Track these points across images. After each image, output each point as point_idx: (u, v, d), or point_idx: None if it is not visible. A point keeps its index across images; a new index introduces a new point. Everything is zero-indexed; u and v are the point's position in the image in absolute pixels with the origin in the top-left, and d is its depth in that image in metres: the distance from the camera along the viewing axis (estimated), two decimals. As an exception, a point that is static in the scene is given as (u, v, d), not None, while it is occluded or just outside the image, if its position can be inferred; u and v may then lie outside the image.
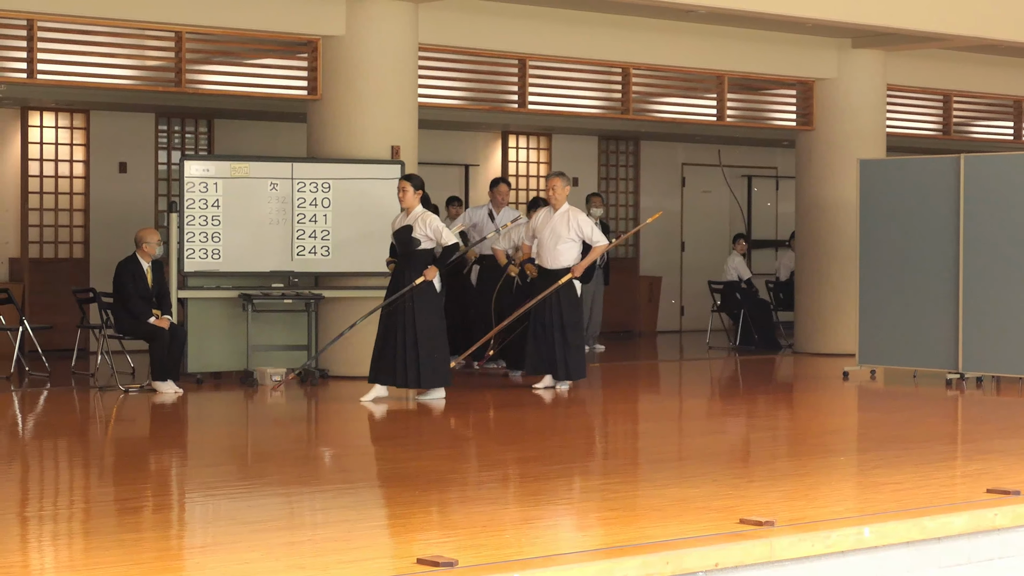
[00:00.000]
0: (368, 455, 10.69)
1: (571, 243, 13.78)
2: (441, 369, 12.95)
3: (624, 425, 12.74)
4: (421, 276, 12.74)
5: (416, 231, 12.83)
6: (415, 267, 12.81)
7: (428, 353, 12.78)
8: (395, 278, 12.99)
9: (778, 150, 22.99)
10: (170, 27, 14.24)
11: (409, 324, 12.77)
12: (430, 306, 12.84)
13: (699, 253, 22.70)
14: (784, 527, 7.27)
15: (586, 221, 13.84)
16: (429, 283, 12.79)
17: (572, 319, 13.79)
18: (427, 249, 12.84)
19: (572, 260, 13.78)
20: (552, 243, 13.80)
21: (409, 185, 12.92)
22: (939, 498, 8.31)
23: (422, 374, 12.80)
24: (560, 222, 13.80)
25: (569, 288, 13.77)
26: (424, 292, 12.80)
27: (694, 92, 17.98)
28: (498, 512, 8.08)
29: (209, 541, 7.29)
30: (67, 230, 17.84)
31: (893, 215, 15.26)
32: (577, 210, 13.94)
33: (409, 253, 12.87)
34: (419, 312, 12.78)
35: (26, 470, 9.79)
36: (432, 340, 12.83)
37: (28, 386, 14.17)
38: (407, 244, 12.88)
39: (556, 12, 16.08)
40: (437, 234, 12.80)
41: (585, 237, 13.80)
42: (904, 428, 12.04)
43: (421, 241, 12.82)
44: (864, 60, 18.36)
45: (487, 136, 20.92)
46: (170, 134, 18.52)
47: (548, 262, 13.84)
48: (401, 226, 12.95)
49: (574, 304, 13.84)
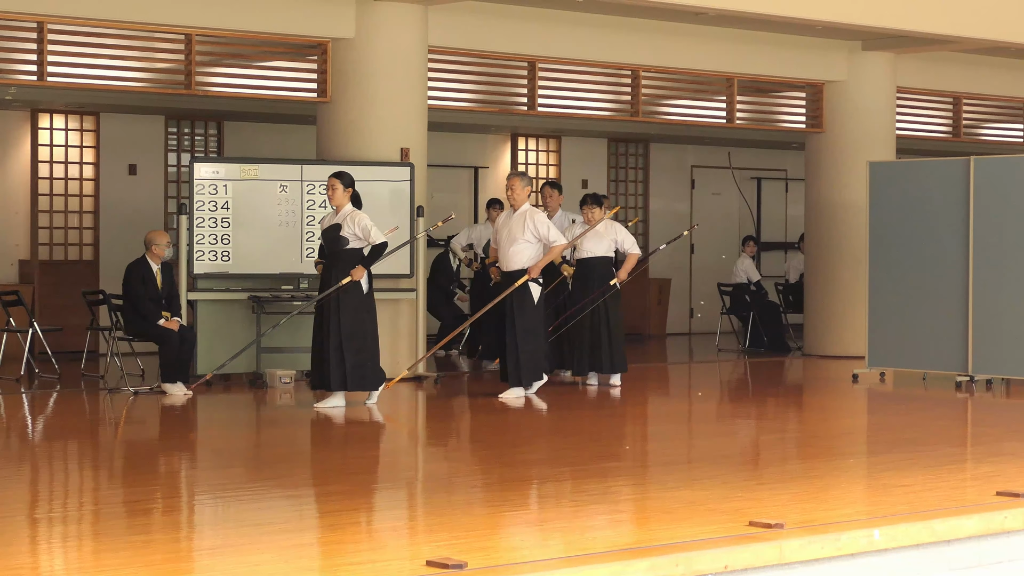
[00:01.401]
0: (377, 457, 10.69)
1: (526, 244, 13.34)
2: (369, 372, 12.53)
3: (634, 427, 12.73)
4: (348, 276, 12.37)
5: (344, 230, 12.44)
6: (343, 267, 12.43)
7: (354, 355, 12.39)
8: (323, 279, 12.63)
9: (788, 152, 22.97)
10: (180, 29, 14.26)
11: (335, 326, 12.38)
12: (357, 307, 12.44)
13: (708, 255, 22.68)
14: (794, 529, 7.26)
15: (543, 222, 13.41)
16: (356, 283, 12.41)
17: (525, 323, 13.35)
18: (355, 249, 12.46)
19: (527, 262, 13.36)
20: (507, 244, 13.44)
21: (338, 183, 12.55)
22: (949, 501, 8.29)
23: (349, 377, 12.40)
24: (517, 223, 13.40)
25: (522, 291, 13.35)
26: (351, 293, 12.40)
27: (704, 94, 17.97)
28: (507, 514, 8.07)
29: (218, 543, 7.29)
30: (77, 232, 17.86)
31: (903, 217, 15.24)
32: (536, 211, 13.52)
33: (337, 252, 12.48)
34: (344, 313, 12.38)
35: (36, 472, 9.80)
36: (358, 342, 12.42)
37: (38, 388, 14.18)
38: (335, 243, 12.48)
39: (566, 14, 16.08)
40: (366, 233, 12.41)
41: (542, 237, 13.37)
42: (914, 431, 12.02)
43: (349, 240, 12.44)
44: (874, 62, 18.34)
45: (496, 138, 20.92)
46: (180, 136, 18.54)
47: (504, 264, 13.51)
48: (329, 225, 12.58)
49: (526, 308, 13.37)
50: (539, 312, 13.53)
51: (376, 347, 12.66)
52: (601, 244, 14.54)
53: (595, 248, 14.54)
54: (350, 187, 12.59)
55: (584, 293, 14.48)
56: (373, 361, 12.58)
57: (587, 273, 14.55)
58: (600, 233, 14.48)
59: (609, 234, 14.54)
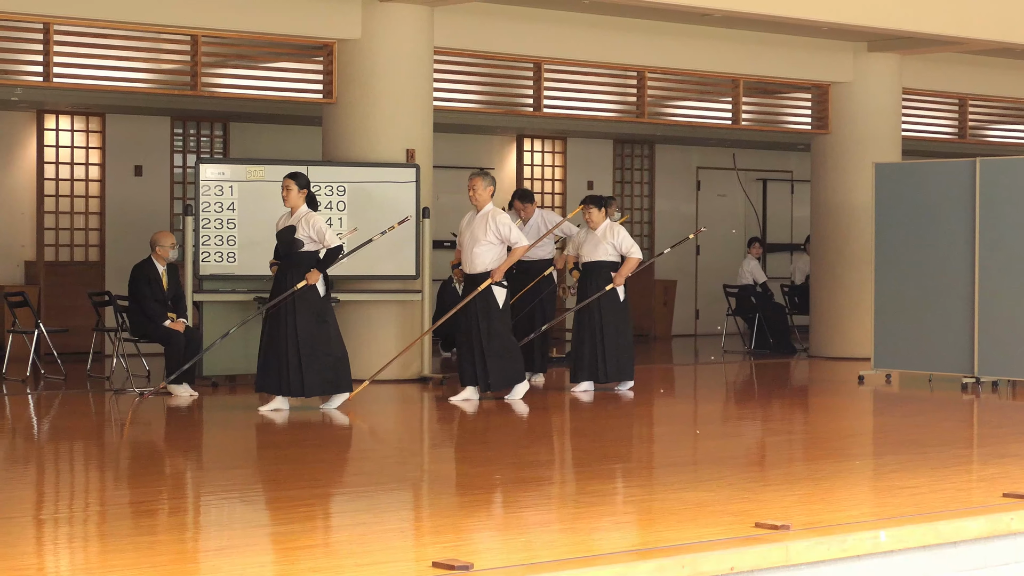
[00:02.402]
0: (383, 458, 10.69)
1: (489, 246, 13.02)
2: (328, 375, 12.32)
3: (639, 428, 12.72)
4: (303, 280, 12.20)
5: (299, 232, 12.28)
6: (298, 270, 12.25)
7: (310, 360, 12.19)
8: (277, 281, 12.43)
9: (793, 154, 22.98)
10: (186, 30, 14.27)
11: (291, 330, 12.19)
12: (313, 311, 12.25)
13: (714, 257, 22.68)
14: (800, 531, 7.26)
15: (505, 223, 13.04)
16: (312, 287, 12.22)
17: (489, 327, 13.05)
18: (311, 251, 12.28)
19: (490, 264, 13.05)
20: (470, 246, 13.10)
21: (293, 183, 12.36)
22: (955, 502, 8.28)
23: (306, 382, 12.22)
24: (479, 224, 13.06)
25: (486, 295, 13.05)
26: (307, 297, 12.24)
27: (709, 96, 17.97)
28: (513, 516, 8.08)
29: (224, 544, 7.29)
30: (83, 233, 17.87)
31: (909, 219, 15.24)
32: (499, 211, 13.14)
33: (292, 255, 12.31)
34: (300, 317, 12.20)
35: (41, 473, 9.80)
36: (315, 346, 12.23)
37: (44, 389, 14.19)
38: (290, 245, 12.31)
39: (571, 16, 16.08)
40: (320, 235, 12.22)
41: (504, 239, 13.02)
42: (920, 432, 12.02)
43: (304, 243, 12.26)
44: (880, 64, 18.34)
45: (502, 139, 20.92)
46: (185, 137, 18.55)
47: (467, 266, 13.18)
48: (284, 227, 12.42)
49: (490, 311, 13.06)
50: (505, 315, 13.19)
51: (344, 351, 12.50)
52: (599, 249, 14.25)
53: (592, 252, 14.26)
54: (305, 188, 12.41)
55: (583, 299, 14.24)
56: (343, 365, 12.43)
57: (585, 278, 14.32)
58: (598, 237, 14.24)
59: (608, 238, 14.23)
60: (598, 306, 14.11)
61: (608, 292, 14.09)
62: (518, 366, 13.27)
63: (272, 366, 12.29)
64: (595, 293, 14.10)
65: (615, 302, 14.20)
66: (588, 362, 14.18)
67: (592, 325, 14.14)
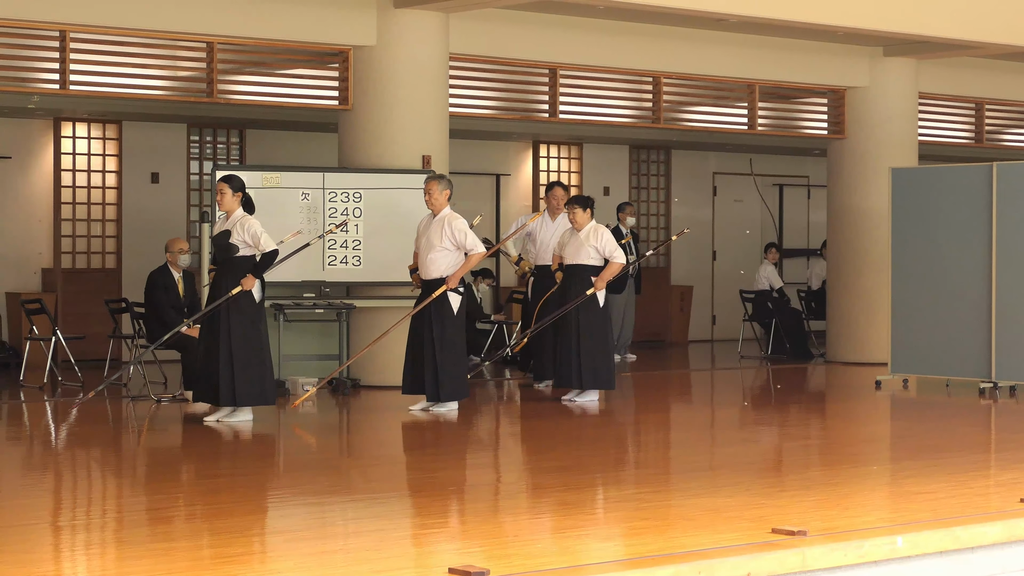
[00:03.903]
0: (399, 465, 10.69)
1: (444, 252, 12.71)
2: (260, 385, 11.98)
3: (656, 434, 12.71)
4: (238, 286, 11.85)
5: (234, 236, 11.92)
6: (233, 275, 11.89)
7: (243, 368, 11.85)
8: (213, 287, 12.12)
9: (809, 159, 22.95)
10: (202, 37, 14.29)
11: (224, 338, 11.83)
12: (247, 318, 11.89)
13: (730, 262, 22.66)
14: (817, 536, 7.25)
15: (461, 228, 12.68)
16: (247, 293, 11.86)
17: (443, 335, 12.71)
18: (246, 256, 11.91)
19: (445, 270, 12.73)
20: (425, 251, 12.80)
21: (227, 187, 12.01)
22: (972, 508, 8.27)
23: (237, 391, 11.85)
24: (435, 229, 12.74)
25: (441, 302, 12.73)
26: (242, 303, 11.88)
27: (725, 101, 17.96)
28: (529, 522, 8.07)
29: (241, 551, 7.30)
30: (99, 240, 17.91)
31: (925, 224, 15.21)
32: (455, 216, 12.78)
33: (227, 260, 11.97)
34: (234, 325, 11.85)
35: (59, 480, 9.82)
36: (249, 354, 11.88)
37: (61, 396, 14.22)
38: (225, 250, 11.96)
39: (587, 21, 16.08)
40: (255, 240, 11.86)
41: (459, 245, 12.71)
42: (937, 437, 11.99)
43: (239, 247, 11.90)
44: (896, 68, 18.31)
45: (518, 145, 20.92)
46: (202, 144, 18.58)
47: (423, 272, 12.85)
48: (219, 231, 12.09)
49: (445, 319, 12.72)
50: (459, 323, 12.85)
51: (270, 360, 12.19)
52: (581, 251, 13.67)
53: (575, 255, 13.73)
54: (240, 191, 12.07)
55: (562, 304, 13.71)
56: (268, 375, 12.09)
57: (566, 282, 13.79)
58: (581, 240, 13.71)
59: (591, 241, 13.67)
60: (576, 311, 13.61)
61: (588, 297, 13.59)
62: (464, 381, 12.95)
63: (208, 375, 11.97)
64: (575, 297, 13.61)
65: (594, 307, 13.66)
66: (562, 366, 13.64)
67: (568, 330, 13.65)
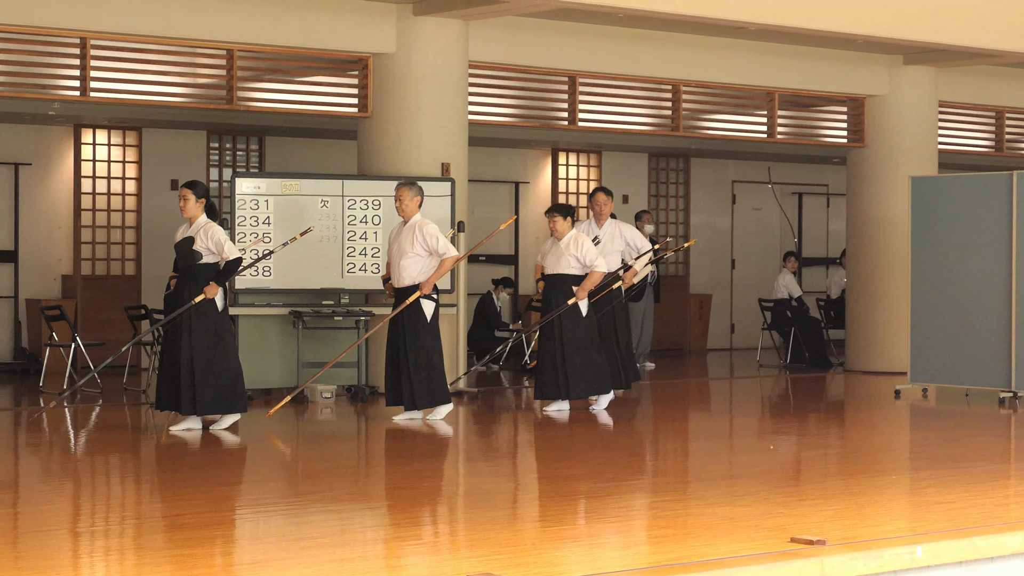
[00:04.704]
0: (418, 472, 10.69)
1: (416, 258, 12.60)
2: (225, 394, 11.87)
3: (674, 443, 12.70)
4: (201, 294, 11.76)
5: (197, 243, 11.82)
6: (196, 283, 11.81)
7: (204, 377, 11.73)
8: (174, 294, 12.05)
9: (829, 167, 22.92)
10: (221, 45, 14.33)
11: (185, 345, 11.74)
12: (209, 326, 11.79)
13: (749, 271, 22.64)
14: (836, 546, 7.23)
15: (432, 234, 12.56)
16: (210, 301, 11.78)
17: (416, 342, 12.60)
18: (210, 264, 11.83)
19: (418, 276, 12.61)
20: (397, 258, 12.68)
21: (190, 193, 11.89)
22: (992, 517, 8.24)
23: (198, 400, 11.75)
24: (406, 236, 12.64)
25: (413, 309, 12.60)
26: (205, 311, 11.79)
27: (744, 109, 17.95)
28: (548, 529, 8.06)
29: (259, 557, 7.30)
30: (119, 247, 17.95)
31: (945, 232, 15.18)
32: (426, 222, 12.66)
33: (190, 267, 11.87)
34: (196, 332, 11.76)
35: (78, 486, 9.84)
36: (211, 363, 11.77)
37: (80, 402, 14.25)
38: (188, 257, 11.86)
39: (606, 29, 16.08)
40: (219, 247, 11.77)
41: (431, 250, 12.59)
42: (956, 447, 11.96)
43: (203, 254, 11.82)
44: (915, 76, 18.28)
45: (537, 153, 20.93)
46: (221, 151, 18.62)
47: (395, 280, 12.74)
48: (182, 238, 11.97)
49: (418, 326, 12.61)
50: (433, 331, 12.71)
51: (238, 368, 12.08)
52: (561, 260, 13.49)
53: (555, 265, 13.55)
54: (203, 198, 11.97)
55: (544, 314, 13.61)
56: (236, 384, 11.98)
57: (548, 292, 13.66)
58: (561, 249, 13.55)
59: (571, 250, 13.50)
60: (559, 322, 13.46)
61: (569, 307, 13.44)
62: (443, 387, 12.83)
63: (169, 383, 11.86)
64: (557, 307, 13.48)
65: (576, 317, 13.48)
66: (550, 379, 13.51)
67: (552, 342, 13.51)
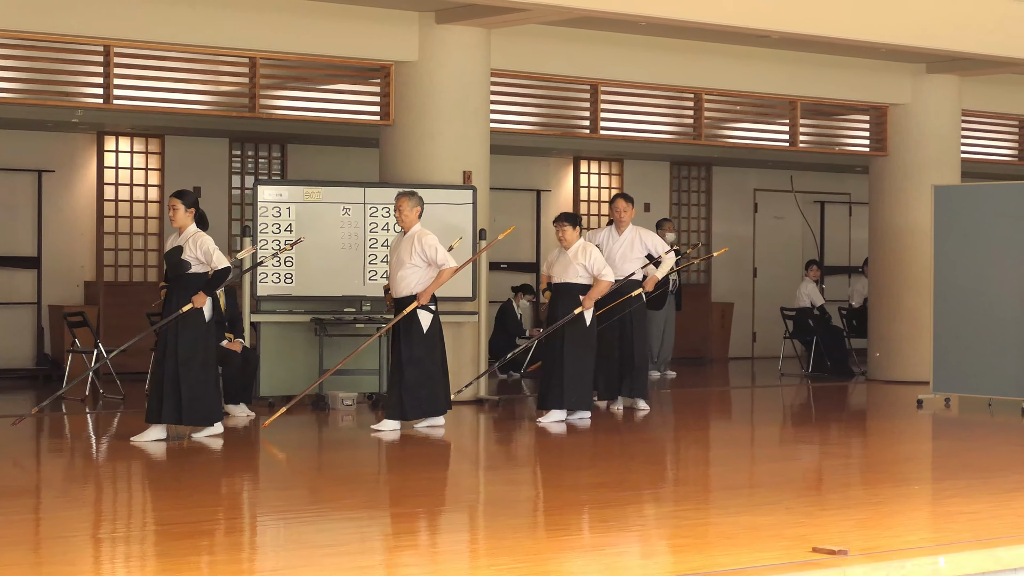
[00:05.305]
0: (438, 480, 10.69)
1: (414, 269, 12.54)
2: (207, 405, 11.78)
3: (695, 452, 12.68)
4: (189, 303, 11.64)
5: (186, 253, 11.71)
6: (185, 292, 11.69)
7: (190, 387, 11.62)
8: (165, 304, 11.96)
9: (851, 176, 22.88)
10: (244, 53, 14.36)
11: (171, 354, 11.65)
12: (196, 335, 11.70)
13: (771, 279, 22.60)
14: (858, 556, 7.21)
15: (431, 244, 12.50)
16: (198, 311, 11.68)
17: (410, 354, 12.52)
18: (198, 273, 11.73)
19: (416, 287, 12.54)
20: (396, 268, 12.65)
21: (179, 202, 11.84)
22: (1015, 528, 8.21)
23: (183, 410, 11.66)
24: (405, 246, 12.60)
25: (410, 320, 12.53)
26: (191, 320, 11.67)
27: (766, 118, 17.93)
28: (568, 538, 8.05)
29: (280, 564, 7.31)
30: (141, 254, 17.98)
31: (968, 241, 15.14)
32: (426, 232, 12.60)
33: (179, 277, 11.77)
34: (182, 342, 11.66)
35: (99, 492, 9.86)
36: (196, 373, 11.67)
37: (102, 409, 14.27)
38: (177, 267, 11.76)
39: (628, 37, 16.07)
40: (208, 257, 11.67)
41: (430, 261, 12.52)
42: (979, 457, 11.92)
43: (191, 264, 11.71)
44: (938, 85, 18.24)
45: (559, 161, 20.93)
46: (244, 159, 18.65)
47: (393, 289, 12.72)
48: (171, 247, 11.89)
49: (413, 337, 12.54)
50: (429, 342, 12.62)
51: (216, 378, 12.00)
52: (569, 270, 13.52)
53: (563, 273, 13.57)
54: (192, 207, 11.92)
55: (551, 323, 13.59)
56: (213, 394, 11.92)
57: (555, 300, 13.65)
58: (569, 258, 13.55)
59: (579, 259, 13.50)
60: (562, 331, 13.45)
61: (574, 317, 13.42)
62: (435, 398, 12.70)
63: (155, 393, 11.82)
64: (563, 316, 13.46)
65: (580, 327, 13.44)
66: (553, 389, 13.48)
67: (554, 351, 13.51)
